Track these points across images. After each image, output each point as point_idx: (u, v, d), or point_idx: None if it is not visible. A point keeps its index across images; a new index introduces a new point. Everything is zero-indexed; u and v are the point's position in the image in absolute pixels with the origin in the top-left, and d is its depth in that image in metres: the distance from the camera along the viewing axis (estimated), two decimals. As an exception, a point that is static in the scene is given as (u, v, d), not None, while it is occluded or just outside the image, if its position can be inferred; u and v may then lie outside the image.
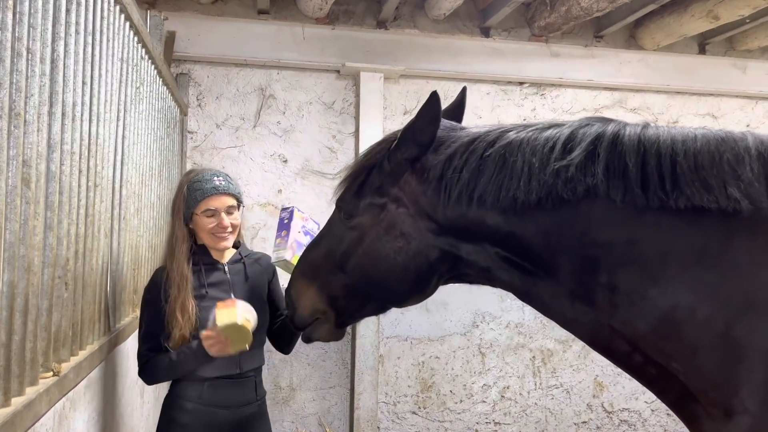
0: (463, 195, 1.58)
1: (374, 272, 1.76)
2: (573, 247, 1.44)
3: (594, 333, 1.46)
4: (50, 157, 1.74)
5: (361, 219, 1.77)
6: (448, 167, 1.62)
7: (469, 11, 5.27)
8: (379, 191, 1.75)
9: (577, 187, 1.40)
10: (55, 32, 1.73)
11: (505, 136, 1.58)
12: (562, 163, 1.42)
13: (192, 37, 4.78)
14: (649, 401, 5.68)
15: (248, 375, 2.42)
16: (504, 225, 1.54)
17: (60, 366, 1.81)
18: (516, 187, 1.48)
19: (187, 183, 2.47)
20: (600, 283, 1.40)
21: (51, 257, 1.75)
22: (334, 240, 1.86)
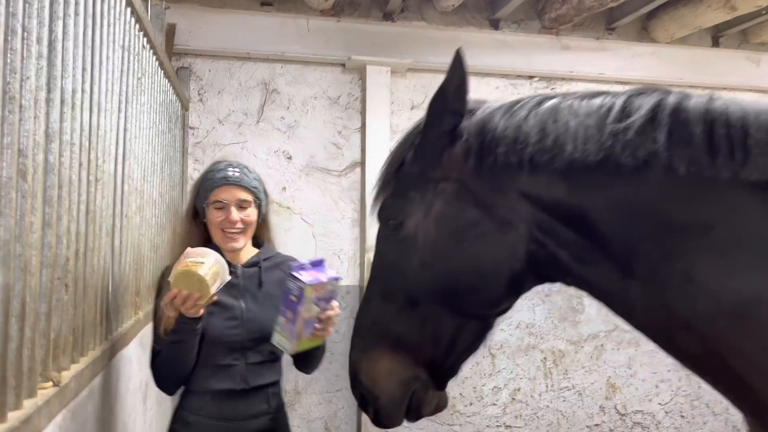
0: (510, 158, 1.36)
1: (454, 274, 1.44)
2: (642, 226, 1.25)
3: (664, 329, 1.28)
4: (48, 147, 1.59)
5: (413, 219, 1.48)
6: (489, 129, 1.41)
7: (478, 3, 5.13)
8: (423, 178, 1.49)
9: (637, 152, 1.23)
10: (53, 11, 1.58)
11: (548, 101, 1.41)
12: (621, 125, 1.26)
13: (193, 29, 4.62)
14: (663, 403, 5.55)
15: (257, 389, 2.21)
16: (562, 193, 1.32)
17: (60, 375, 1.67)
18: (572, 148, 1.29)
19: (202, 175, 2.32)
20: (676, 272, 1.21)
21: (50, 257, 1.60)
22: (392, 270, 1.51)
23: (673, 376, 5.56)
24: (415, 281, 1.46)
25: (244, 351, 2.17)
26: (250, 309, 2.21)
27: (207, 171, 2.31)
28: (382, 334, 1.51)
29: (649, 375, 5.53)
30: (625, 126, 1.25)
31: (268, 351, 2.20)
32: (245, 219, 2.22)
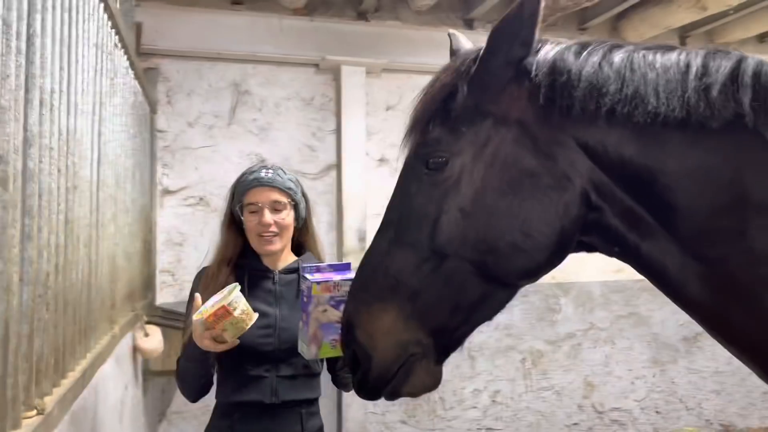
0: (586, 104, 1.22)
1: (495, 234, 1.25)
2: (715, 198, 1.15)
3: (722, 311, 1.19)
4: (27, 152, 1.45)
5: (462, 158, 1.29)
6: (563, 69, 1.25)
7: (452, 3, 5.09)
8: (478, 113, 1.29)
9: (722, 113, 1.14)
10: (31, 3, 1.44)
11: (619, 49, 1.27)
12: (703, 81, 1.16)
13: (160, 29, 4.44)
14: (638, 399, 5.60)
15: (290, 406, 2.05)
16: (635, 151, 1.20)
17: (44, 402, 1.52)
18: (655, 101, 1.17)
19: (238, 177, 2.22)
20: (747, 252, 1.12)
21: (31, 273, 1.46)
22: (419, 217, 1.31)
23: (648, 372, 5.61)
24: (447, 232, 1.27)
25: (276, 362, 2.04)
26: (285, 318, 2.08)
27: (241, 174, 2.22)
28: (392, 287, 1.30)
29: (624, 372, 5.57)
30: (708, 83, 1.16)
31: (302, 364, 2.05)
32: (280, 222, 2.10)
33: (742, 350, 1.22)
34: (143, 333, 3.47)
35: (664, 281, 1.25)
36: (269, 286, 2.13)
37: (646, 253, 1.24)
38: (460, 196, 1.28)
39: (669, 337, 5.69)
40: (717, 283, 1.17)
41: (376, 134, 5.01)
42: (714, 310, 1.20)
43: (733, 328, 1.20)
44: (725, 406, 5.76)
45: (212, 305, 1.82)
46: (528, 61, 1.29)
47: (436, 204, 1.30)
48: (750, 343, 1.19)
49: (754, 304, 1.14)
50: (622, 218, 1.24)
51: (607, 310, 5.57)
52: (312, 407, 2.14)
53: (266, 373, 2.04)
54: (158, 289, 4.60)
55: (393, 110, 5.05)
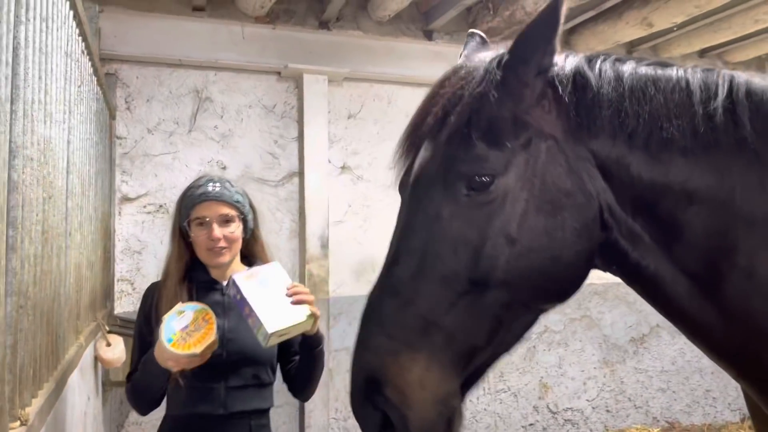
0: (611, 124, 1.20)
1: (544, 255, 1.17)
2: (710, 214, 1.17)
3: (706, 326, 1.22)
4: (12, 163, 1.45)
5: (506, 178, 1.17)
6: (589, 86, 1.22)
7: (412, 14, 5.19)
8: (518, 126, 1.20)
9: (724, 137, 1.16)
10: (17, 15, 1.45)
11: (626, 65, 1.26)
12: (711, 106, 1.17)
13: (119, 34, 4.38)
14: (590, 399, 5.80)
15: (238, 417, 2.04)
16: (646, 172, 1.19)
17: (27, 413, 1.52)
18: (668, 126, 1.17)
19: (184, 191, 2.18)
20: (737, 268, 1.15)
21: (15, 284, 1.46)
22: (456, 245, 1.16)
23: (599, 373, 5.83)
24: (492, 260, 1.15)
25: (225, 373, 2.03)
26: (233, 329, 2.08)
27: (187, 188, 2.18)
28: (422, 329, 1.13)
29: (577, 373, 5.76)
30: (714, 106, 1.17)
31: (251, 375, 2.06)
32: (228, 235, 2.09)
33: (724, 358, 1.27)
34: (105, 343, 3.42)
35: (658, 297, 1.27)
36: (217, 297, 2.11)
37: (644, 270, 1.23)
38: (505, 220, 1.17)
39: (618, 338, 5.92)
40: (710, 297, 1.19)
41: (338, 142, 5.06)
42: (702, 322, 1.22)
43: (719, 338, 1.23)
44: (671, 403, 6.04)
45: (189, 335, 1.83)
46: (552, 71, 1.24)
47: (479, 229, 1.17)
48: (734, 353, 1.23)
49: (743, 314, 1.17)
50: (626, 237, 1.23)
51: (561, 313, 5.75)
52: (262, 418, 2.12)
53: (215, 384, 2.04)
54: (116, 298, 4.53)
55: (355, 118, 5.11)
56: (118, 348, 3.52)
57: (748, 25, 5.12)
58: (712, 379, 6.13)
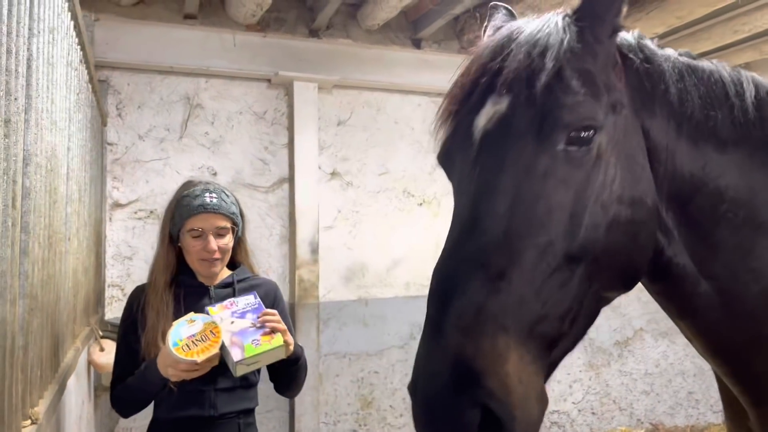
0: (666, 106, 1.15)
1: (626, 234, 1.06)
2: (737, 218, 1.15)
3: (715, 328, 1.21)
4: (25, 171, 1.50)
5: (603, 135, 1.06)
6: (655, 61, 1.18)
7: (401, 23, 5.28)
8: (604, 85, 1.09)
9: (755, 133, 1.15)
10: (31, 27, 1.50)
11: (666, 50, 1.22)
12: (745, 101, 1.17)
13: (111, 41, 4.41)
14: (576, 402, 5.90)
15: (227, 417, 2.08)
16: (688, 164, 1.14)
17: (37, 412, 1.56)
18: (712, 115, 1.14)
19: (176, 198, 2.18)
20: (750, 270, 1.13)
21: (27, 287, 1.51)
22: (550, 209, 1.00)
23: (585, 376, 5.93)
24: (588, 230, 1.01)
25: (214, 375, 2.03)
26: None
27: (182, 195, 2.16)
28: (514, 312, 0.94)
29: (563, 376, 5.86)
30: (748, 102, 1.17)
31: (239, 377, 2.06)
32: (223, 247, 2.11)
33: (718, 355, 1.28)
34: (99, 347, 3.44)
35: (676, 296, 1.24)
36: (205, 301, 2.12)
37: (674, 268, 1.18)
38: (601, 184, 1.03)
39: (603, 342, 6.03)
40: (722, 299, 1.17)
41: (328, 148, 5.13)
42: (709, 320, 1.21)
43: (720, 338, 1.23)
44: (654, 405, 6.15)
45: (195, 344, 1.86)
46: (618, 40, 1.16)
47: (576, 191, 1.01)
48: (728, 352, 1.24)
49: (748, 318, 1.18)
50: (662, 232, 1.17)
51: (547, 317, 5.84)
52: (249, 417, 2.16)
53: (204, 387, 2.06)
54: (107, 303, 4.54)
55: (344, 125, 5.18)
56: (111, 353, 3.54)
57: (727, 36, 5.28)
58: (694, 382, 6.26)
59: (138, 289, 2.19)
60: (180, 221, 2.11)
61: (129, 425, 4.55)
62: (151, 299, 2.07)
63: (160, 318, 2.03)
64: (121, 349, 2.12)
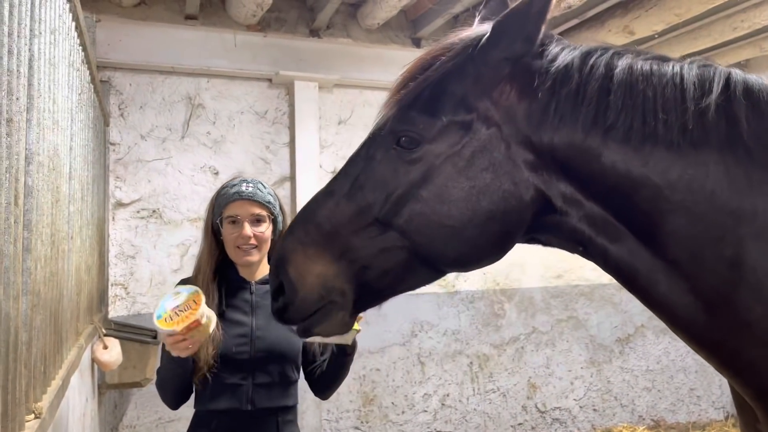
0: (587, 118, 1.24)
1: (444, 224, 1.29)
2: (698, 208, 1.21)
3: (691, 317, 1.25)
4: (27, 169, 1.53)
5: (433, 146, 1.29)
6: (566, 80, 1.25)
7: (401, 22, 5.30)
8: (462, 105, 1.29)
9: (715, 133, 1.20)
10: (32, 28, 1.53)
11: (621, 60, 1.28)
12: (703, 103, 1.20)
13: (113, 42, 4.46)
14: (577, 398, 5.92)
15: (265, 414, 2.10)
16: (623, 164, 1.23)
17: (40, 407, 1.59)
18: (653, 120, 1.21)
19: (217, 191, 2.27)
20: (721, 257, 1.19)
21: (30, 283, 1.54)
22: (375, 184, 1.33)
23: (586, 372, 5.95)
24: (400, 209, 1.31)
25: (252, 370, 2.09)
26: (260, 327, 2.14)
27: (221, 187, 2.26)
28: (331, 236, 1.34)
29: (565, 373, 5.88)
30: (707, 103, 1.20)
31: (278, 372, 2.13)
32: (259, 235, 2.15)
33: (704, 347, 1.32)
34: (102, 345, 3.47)
35: (634, 283, 1.31)
36: (246, 296, 2.19)
37: (614, 255, 1.29)
38: (422, 181, 1.30)
39: (604, 338, 6.05)
40: (690, 285, 1.23)
41: (329, 147, 5.16)
42: (682, 310, 1.26)
43: (699, 327, 1.27)
44: (656, 402, 6.17)
45: (177, 314, 1.85)
46: (528, 60, 1.28)
47: (397, 180, 1.32)
48: (713, 342, 1.28)
49: (727, 302, 1.21)
50: (589, 223, 1.29)
51: (548, 314, 5.88)
52: (288, 415, 2.18)
53: (242, 381, 2.09)
54: (110, 302, 4.58)
55: (345, 124, 5.21)
56: (114, 351, 3.57)
57: (726, 33, 5.29)
58: (696, 378, 6.28)
59: (183, 281, 2.21)
60: (218, 210, 2.19)
61: (132, 423, 4.59)
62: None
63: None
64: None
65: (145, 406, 4.58)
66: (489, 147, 1.29)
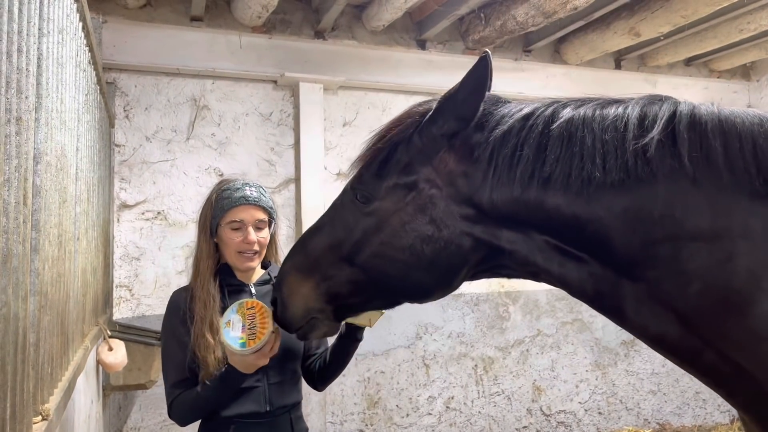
0: (524, 175, 1.37)
1: (394, 265, 1.52)
2: (650, 234, 1.29)
3: (660, 330, 1.34)
4: (36, 169, 1.52)
5: (383, 203, 1.52)
6: (503, 145, 1.40)
7: (406, 24, 5.30)
8: (406, 170, 1.51)
9: (659, 167, 1.27)
10: (41, 27, 1.52)
11: (563, 112, 1.39)
12: (642, 141, 1.28)
13: (118, 43, 4.45)
14: (583, 402, 5.89)
15: (281, 412, 2.12)
16: (567, 208, 1.35)
17: (48, 408, 1.58)
18: (591, 166, 1.31)
19: (216, 192, 2.21)
20: (679, 272, 1.27)
21: (37, 284, 1.53)
22: (343, 228, 1.59)
23: (591, 375, 5.92)
24: (363, 252, 1.54)
25: (266, 370, 2.08)
26: None
27: (222, 189, 2.19)
28: (315, 266, 1.63)
29: (570, 376, 5.85)
30: (646, 141, 1.28)
31: (289, 369, 2.13)
32: (261, 240, 2.15)
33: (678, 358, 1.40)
34: (107, 347, 3.46)
35: (599, 302, 1.41)
36: (248, 298, 2.12)
37: (576, 279, 1.40)
38: (375, 231, 1.53)
39: (609, 341, 6.02)
40: (654, 301, 1.31)
41: (333, 149, 5.15)
42: (645, 324, 1.35)
43: (668, 339, 1.35)
44: (661, 405, 6.14)
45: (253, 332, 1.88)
46: (466, 134, 1.45)
47: (357, 227, 1.56)
48: (688, 352, 1.36)
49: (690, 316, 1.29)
50: (544, 256, 1.42)
51: (553, 317, 5.85)
52: (298, 411, 2.21)
53: (258, 383, 2.09)
54: (115, 304, 4.57)
55: (350, 126, 5.20)
56: (119, 352, 3.56)
57: (732, 34, 5.27)
58: (701, 381, 6.23)
59: (179, 289, 2.20)
60: (221, 213, 2.13)
61: (137, 425, 4.58)
62: (198, 292, 2.09)
63: (208, 310, 2.04)
64: (171, 352, 2.10)
65: (150, 408, 4.56)
66: (431, 204, 1.48)
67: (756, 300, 1.23)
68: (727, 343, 1.28)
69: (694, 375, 1.42)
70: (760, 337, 1.23)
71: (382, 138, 1.58)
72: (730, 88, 6.58)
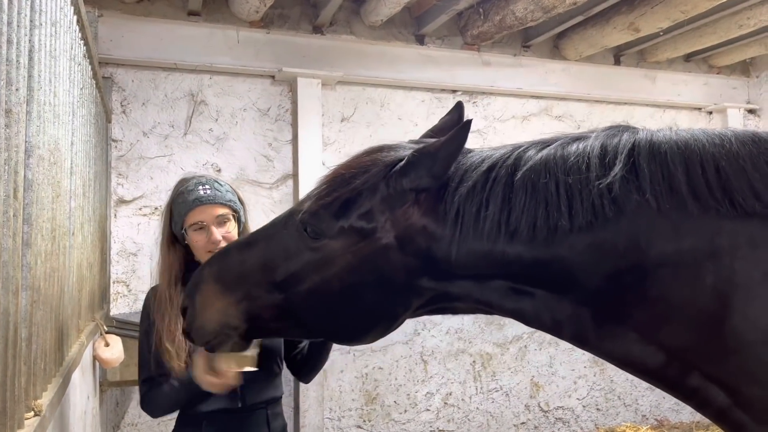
0: (491, 232, 1.36)
1: (329, 306, 1.48)
2: (615, 265, 1.29)
3: (626, 352, 1.34)
4: (27, 162, 1.50)
5: (332, 242, 1.46)
6: (468, 202, 1.39)
7: (404, 19, 5.27)
8: (366, 216, 1.46)
9: (625, 203, 1.27)
10: (33, 19, 1.51)
11: (525, 157, 1.39)
12: (606, 180, 1.28)
13: (115, 38, 4.43)
14: (581, 398, 5.89)
15: (255, 409, 2.13)
16: (528, 253, 1.35)
17: (40, 404, 1.57)
18: (557, 213, 1.30)
19: (172, 198, 2.20)
20: (646, 297, 1.28)
21: (29, 278, 1.51)
22: (282, 253, 1.51)
23: (589, 372, 5.92)
24: (299, 285, 1.49)
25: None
26: None
27: (177, 193, 2.20)
28: (237, 281, 1.55)
29: (568, 372, 5.85)
30: (610, 180, 1.28)
31: (264, 366, 2.09)
32: (227, 236, 2.12)
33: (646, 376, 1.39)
34: (104, 343, 3.45)
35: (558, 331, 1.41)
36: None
37: (531, 312, 1.40)
38: (317, 268, 1.47)
39: (608, 338, 6.01)
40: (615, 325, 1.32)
41: (332, 144, 5.13)
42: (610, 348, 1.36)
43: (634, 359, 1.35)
44: (659, 401, 6.13)
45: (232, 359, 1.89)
46: (435, 189, 1.43)
47: (298, 258, 1.49)
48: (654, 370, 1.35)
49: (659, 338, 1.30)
50: (499, 295, 1.41)
51: (551, 313, 5.84)
52: (276, 407, 2.20)
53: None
54: (112, 299, 4.56)
55: (348, 121, 5.18)
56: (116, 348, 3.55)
57: (732, 30, 5.25)
58: (699, 378, 6.23)
59: (152, 289, 2.21)
60: (180, 219, 2.14)
61: (134, 421, 4.57)
62: (156, 302, 2.11)
63: (165, 316, 2.06)
64: (144, 350, 2.13)
65: (147, 404, 4.55)
66: (383, 254, 1.43)
67: (723, 317, 1.23)
68: (695, 358, 1.27)
69: (668, 393, 1.41)
70: (728, 350, 1.23)
71: (342, 178, 1.51)
72: (730, 84, 6.56)
